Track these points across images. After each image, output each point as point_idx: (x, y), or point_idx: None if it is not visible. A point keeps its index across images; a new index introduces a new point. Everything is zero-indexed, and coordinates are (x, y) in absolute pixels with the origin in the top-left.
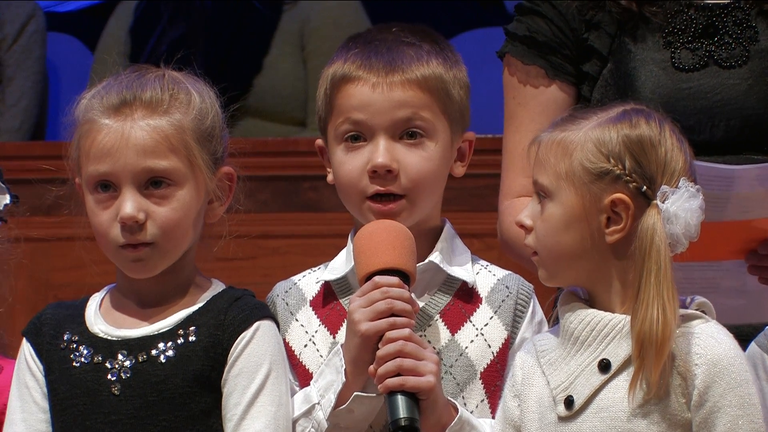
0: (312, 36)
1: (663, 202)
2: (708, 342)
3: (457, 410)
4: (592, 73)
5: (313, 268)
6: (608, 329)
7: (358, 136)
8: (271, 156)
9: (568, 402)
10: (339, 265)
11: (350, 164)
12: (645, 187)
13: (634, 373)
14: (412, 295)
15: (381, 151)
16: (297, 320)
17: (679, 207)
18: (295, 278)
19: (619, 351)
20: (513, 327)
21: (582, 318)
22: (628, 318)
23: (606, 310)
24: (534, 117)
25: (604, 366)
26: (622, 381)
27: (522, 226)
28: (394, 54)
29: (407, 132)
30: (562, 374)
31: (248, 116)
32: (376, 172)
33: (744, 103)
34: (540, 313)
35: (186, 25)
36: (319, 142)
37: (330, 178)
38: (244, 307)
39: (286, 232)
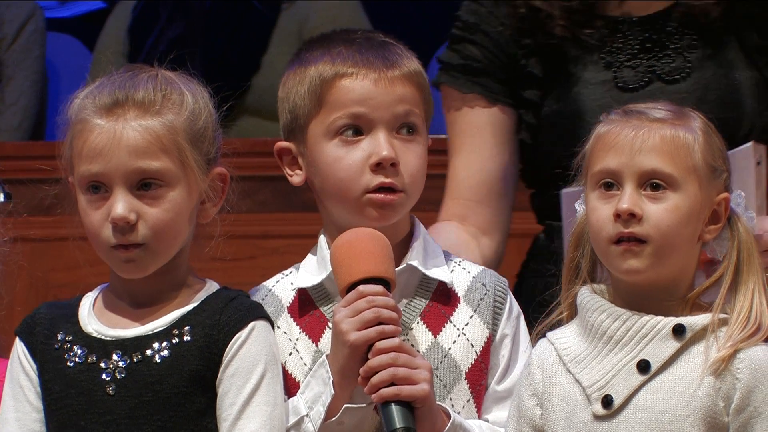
0: (311, 35)
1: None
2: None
3: (448, 416)
4: (533, 99)
5: (284, 273)
6: (646, 330)
7: (357, 130)
8: (271, 156)
9: (606, 401)
10: (312, 271)
11: (349, 159)
12: (733, 190)
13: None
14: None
15: (384, 144)
16: (279, 327)
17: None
18: (268, 284)
19: (658, 352)
20: (493, 325)
21: (616, 317)
22: (668, 320)
23: (653, 307)
24: (474, 142)
25: (643, 367)
26: (662, 382)
27: (632, 214)
28: (384, 51)
29: (402, 127)
30: (596, 373)
31: (247, 115)
32: (380, 164)
33: None
34: (516, 307)
35: (184, 24)
36: (284, 143)
37: (297, 180)
38: (240, 307)
39: (286, 232)
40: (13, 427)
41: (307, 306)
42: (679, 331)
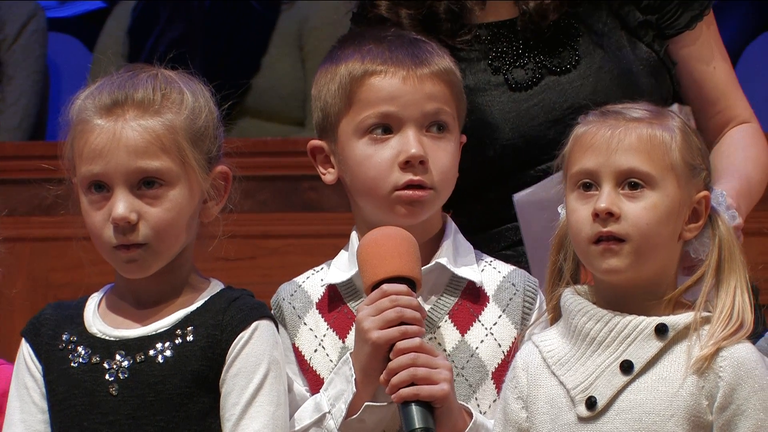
0: (310, 36)
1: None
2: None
3: (470, 415)
4: None
5: (315, 269)
6: (629, 330)
7: (387, 128)
8: (271, 156)
9: (590, 403)
10: (342, 267)
11: (378, 156)
12: (713, 189)
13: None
14: (419, 299)
15: (413, 142)
16: (305, 324)
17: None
18: (299, 280)
19: (641, 352)
20: (522, 325)
21: (598, 318)
22: (650, 320)
23: (635, 307)
24: None
25: (626, 367)
26: (645, 382)
27: (610, 213)
28: (414, 48)
29: (432, 125)
30: (580, 375)
31: (247, 116)
32: (409, 162)
33: (595, 99)
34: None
35: (184, 25)
36: (317, 142)
37: (330, 178)
38: (243, 307)
39: (286, 232)
40: (19, 428)
41: (335, 302)
42: (661, 330)
